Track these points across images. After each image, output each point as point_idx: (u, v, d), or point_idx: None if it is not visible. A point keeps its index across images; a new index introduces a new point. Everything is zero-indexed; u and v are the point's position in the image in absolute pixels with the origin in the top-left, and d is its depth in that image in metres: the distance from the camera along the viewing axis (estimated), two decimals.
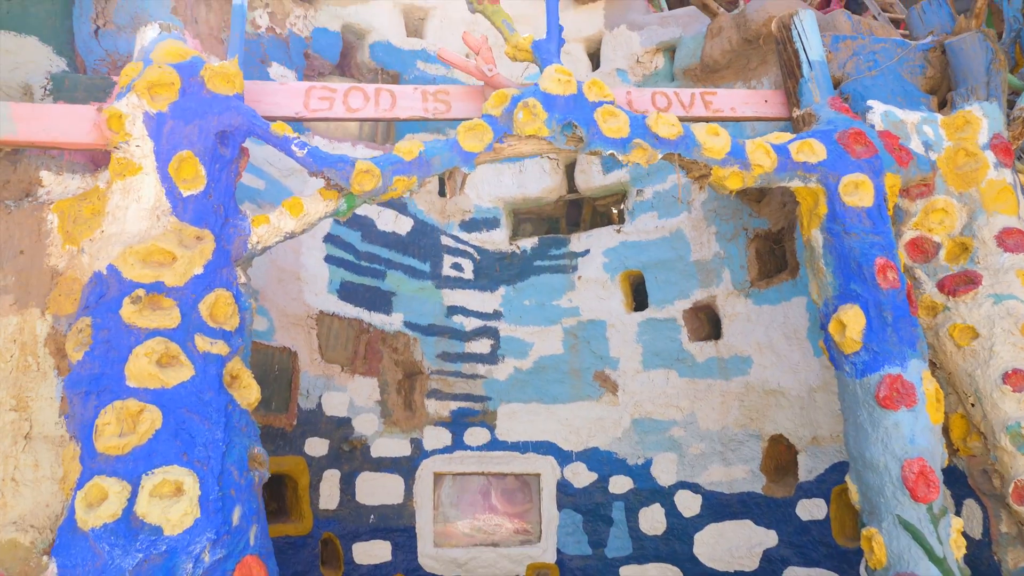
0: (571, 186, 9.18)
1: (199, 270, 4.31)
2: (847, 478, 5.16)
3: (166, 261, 4.26)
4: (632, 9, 9.04)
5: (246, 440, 4.17)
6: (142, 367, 3.96)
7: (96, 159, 4.76)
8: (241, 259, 4.60)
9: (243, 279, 4.63)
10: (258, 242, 4.66)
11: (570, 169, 9.19)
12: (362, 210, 7.97)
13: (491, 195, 8.96)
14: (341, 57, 8.46)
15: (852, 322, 5.05)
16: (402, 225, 8.33)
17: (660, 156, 5.27)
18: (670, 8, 10.89)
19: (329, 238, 7.64)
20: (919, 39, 6.84)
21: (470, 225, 8.87)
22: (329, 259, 7.60)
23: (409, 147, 4.93)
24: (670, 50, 8.54)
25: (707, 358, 7.73)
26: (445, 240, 8.67)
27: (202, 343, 4.17)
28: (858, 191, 5.31)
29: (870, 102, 5.99)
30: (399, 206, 8.34)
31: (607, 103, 5.26)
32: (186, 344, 4.13)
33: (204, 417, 3.97)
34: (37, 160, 4.65)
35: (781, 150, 5.41)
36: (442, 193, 8.96)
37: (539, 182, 8.96)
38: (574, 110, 5.18)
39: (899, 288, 5.10)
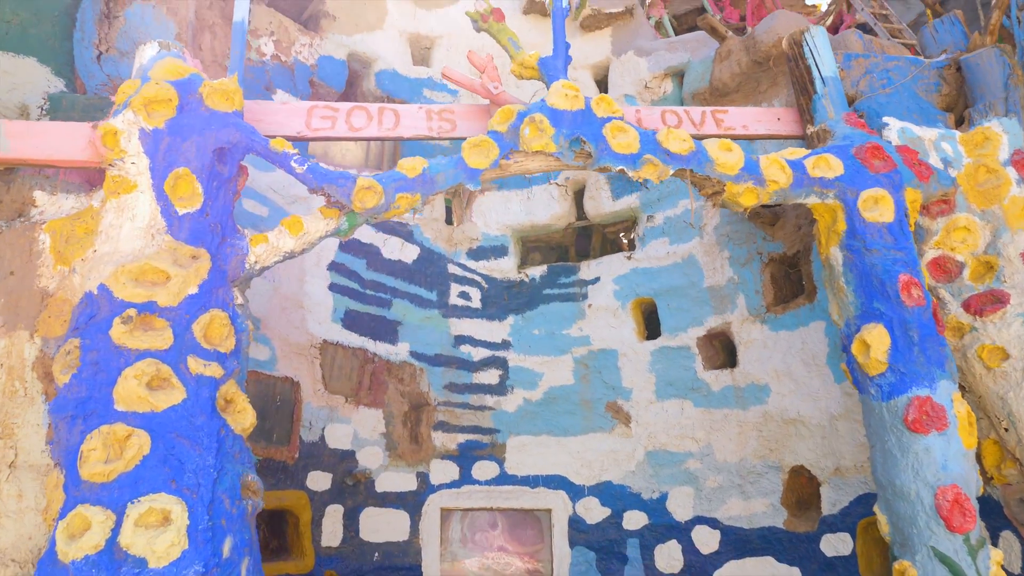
0: (580, 213, 9.03)
1: (194, 290, 4.17)
2: (876, 508, 4.91)
3: (159, 280, 4.12)
4: (639, 35, 9.01)
5: (239, 467, 3.97)
6: (131, 390, 3.79)
7: (91, 179, 4.65)
8: (239, 279, 4.44)
9: (240, 300, 4.46)
10: (256, 262, 4.50)
11: (579, 196, 9.05)
12: (368, 238, 7.84)
13: (499, 222, 8.81)
14: (347, 85, 8.42)
15: (876, 342, 4.83)
16: (408, 253, 8.19)
17: (671, 172, 5.12)
18: (676, 34, 10.88)
19: (334, 266, 7.50)
20: (933, 58, 6.73)
21: (477, 253, 8.71)
22: (333, 287, 7.45)
23: (412, 164, 4.80)
24: (678, 75, 8.47)
25: (723, 387, 7.48)
26: (452, 268, 8.51)
27: (195, 365, 4.00)
28: (878, 206, 5.13)
29: (886, 119, 5.86)
30: (405, 234, 8.21)
31: (616, 119, 5.12)
32: (178, 366, 3.96)
33: (195, 442, 3.78)
34: (31, 180, 4.55)
35: (796, 166, 5.25)
36: (449, 221, 8.83)
37: (548, 209, 8.81)
38: (582, 125, 5.04)
39: (924, 306, 4.89)
